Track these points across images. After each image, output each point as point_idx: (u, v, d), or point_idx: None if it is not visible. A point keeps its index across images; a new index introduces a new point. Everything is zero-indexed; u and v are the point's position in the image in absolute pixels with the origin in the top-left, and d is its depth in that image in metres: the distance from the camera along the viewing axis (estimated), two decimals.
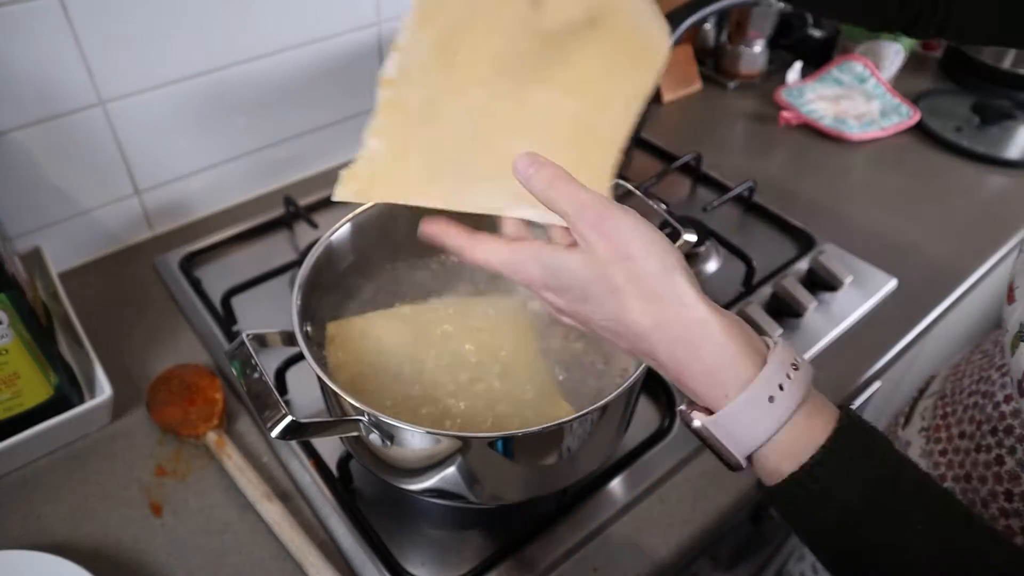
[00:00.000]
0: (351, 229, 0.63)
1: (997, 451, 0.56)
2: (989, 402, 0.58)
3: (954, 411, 0.62)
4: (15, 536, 0.62)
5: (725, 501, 0.66)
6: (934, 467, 0.62)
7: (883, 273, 0.87)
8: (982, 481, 0.57)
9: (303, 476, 0.66)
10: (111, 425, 0.71)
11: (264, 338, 0.56)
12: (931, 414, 0.66)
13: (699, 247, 0.88)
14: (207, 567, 0.60)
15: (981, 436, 0.58)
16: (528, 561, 0.60)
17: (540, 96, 0.52)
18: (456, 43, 0.50)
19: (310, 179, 1.02)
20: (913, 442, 0.66)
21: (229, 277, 0.82)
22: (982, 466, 0.57)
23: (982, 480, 0.57)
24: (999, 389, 0.57)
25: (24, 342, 0.62)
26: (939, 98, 1.23)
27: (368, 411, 0.49)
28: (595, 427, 0.54)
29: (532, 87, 0.52)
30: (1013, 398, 0.54)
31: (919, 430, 0.66)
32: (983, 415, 0.58)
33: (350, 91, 0.99)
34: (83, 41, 0.74)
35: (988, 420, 0.57)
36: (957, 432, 0.61)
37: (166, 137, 0.86)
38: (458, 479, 0.53)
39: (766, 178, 1.01)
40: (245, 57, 0.86)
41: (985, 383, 0.59)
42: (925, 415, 0.67)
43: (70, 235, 0.85)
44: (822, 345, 0.79)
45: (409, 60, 0.51)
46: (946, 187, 1.04)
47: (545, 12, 0.50)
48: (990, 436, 0.56)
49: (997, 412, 0.56)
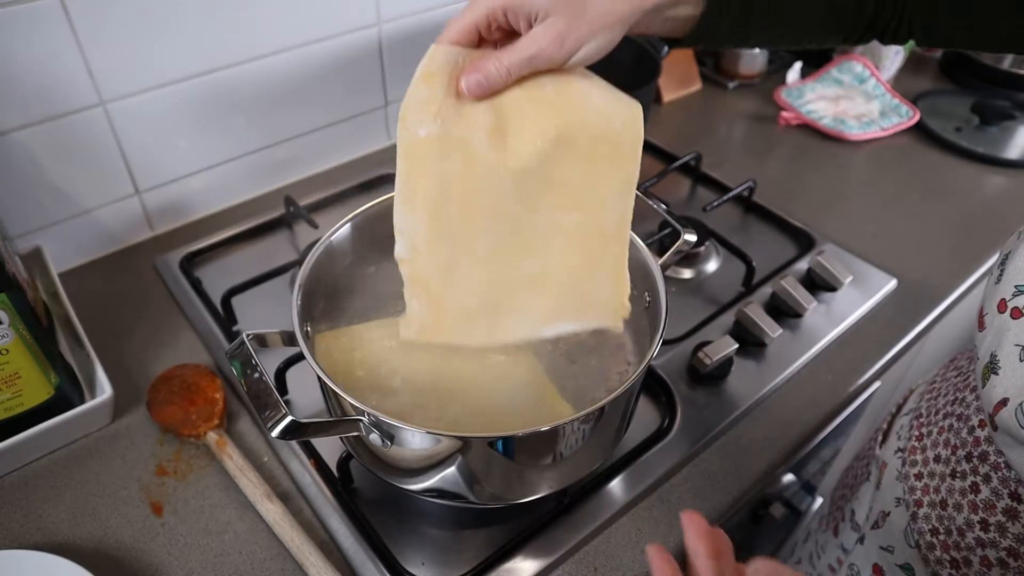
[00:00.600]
0: (351, 229, 0.63)
1: (972, 478, 0.55)
2: (964, 426, 0.57)
3: (929, 432, 0.61)
4: (16, 536, 0.62)
5: (725, 501, 0.66)
6: (910, 491, 0.61)
7: (883, 273, 0.87)
8: (958, 509, 0.56)
9: (303, 476, 0.66)
10: (111, 425, 0.71)
11: (264, 338, 0.56)
12: (907, 434, 0.65)
13: (699, 247, 0.88)
14: (207, 567, 0.60)
15: (956, 462, 0.56)
16: (528, 561, 0.60)
17: (540, 221, 0.54)
18: (446, 216, 0.52)
19: (310, 179, 1.02)
20: (889, 463, 0.66)
21: (229, 277, 0.82)
22: (958, 493, 0.56)
23: (958, 508, 0.56)
24: (974, 413, 0.56)
25: (25, 342, 0.62)
26: (939, 98, 1.23)
27: (368, 411, 0.49)
28: (595, 427, 0.54)
29: (529, 218, 0.54)
30: (987, 424, 0.54)
31: (895, 451, 0.65)
32: (958, 439, 0.57)
33: (350, 91, 0.99)
34: (84, 42, 0.74)
35: (963, 445, 0.56)
36: (932, 455, 0.59)
37: (166, 137, 0.86)
38: (458, 479, 0.53)
39: (766, 178, 1.01)
40: (246, 57, 0.86)
41: (960, 405, 0.58)
42: (901, 434, 0.66)
43: (71, 235, 0.85)
44: (822, 345, 0.79)
45: (413, 240, 0.53)
46: (946, 187, 1.04)
47: (513, 152, 0.51)
48: (965, 462, 0.55)
49: (972, 437, 0.55)
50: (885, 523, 0.63)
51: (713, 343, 0.74)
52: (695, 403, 0.72)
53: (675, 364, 0.75)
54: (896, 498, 0.62)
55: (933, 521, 0.58)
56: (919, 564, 0.59)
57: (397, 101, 1.05)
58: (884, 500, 0.64)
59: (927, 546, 0.58)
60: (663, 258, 0.62)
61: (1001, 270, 0.53)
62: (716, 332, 0.78)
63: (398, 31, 0.98)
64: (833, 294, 0.84)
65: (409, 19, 0.99)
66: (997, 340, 0.50)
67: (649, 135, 1.10)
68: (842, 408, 0.76)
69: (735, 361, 0.75)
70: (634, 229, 0.62)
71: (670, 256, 0.63)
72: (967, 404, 0.57)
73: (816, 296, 0.82)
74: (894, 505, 0.62)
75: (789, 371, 0.76)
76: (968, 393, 0.58)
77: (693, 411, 0.71)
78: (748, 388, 0.74)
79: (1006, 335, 0.49)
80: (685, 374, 0.75)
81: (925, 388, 0.68)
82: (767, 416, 0.73)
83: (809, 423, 0.73)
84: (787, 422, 0.73)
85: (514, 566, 0.60)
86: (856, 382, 0.77)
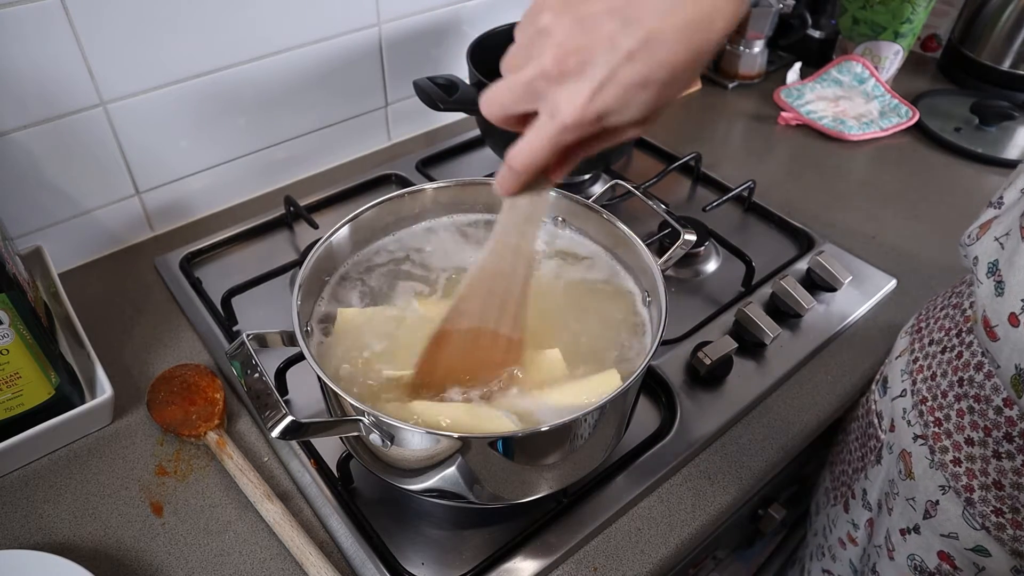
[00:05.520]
0: (351, 229, 0.64)
1: (1022, 457, 0.55)
2: (988, 407, 0.57)
3: (947, 416, 0.61)
4: (16, 536, 0.62)
5: (725, 501, 0.66)
6: (953, 478, 0.60)
7: (882, 273, 0.87)
8: (1017, 488, 0.56)
9: (303, 476, 0.66)
10: (112, 425, 0.71)
11: (264, 338, 0.56)
12: (919, 419, 0.64)
13: (699, 247, 0.88)
14: (207, 567, 0.60)
15: (996, 443, 0.57)
16: (528, 561, 0.60)
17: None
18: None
19: (310, 179, 1.02)
20: (914, 452, 0.65)
21: (229, 277, 0.82)
22: (1011, 473, 0.56)
23: (1017, 487, 0.56)
24: (992, 393, 0.57)
25: (25, 342, 0.62)
26: (938, 98, 1.23)
27: (368, 411, 0.49)
28: (595, 427, 0.54)
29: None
30: (1014, 403, 0.54)
31: (913, 437, 0.65)
32: (987, 421, 0.57)
33: (350, 92, 0.99)
34: (84, 42, 0.74)
35: (996, 426, 0.56)
36: (962, 439, 0.60)
37: (167, 137, 0.86)
38: (458, 479, 0.53)
39: (766, 178, 1.01)
40: (246, 58, 0.87)
41: (971, 386, 0.59)
42: (909, 416, 0.66)
43: (71, 235, 0.86)
44: (822, 345, 0.79)
45: None
46: (945, 187, 1.04)
47: None
48: (1006, 442, 0.56)
49: (1003, 418, 0.56)
50: (937, 511, 0.63)
51: (713, 343, 0.74)
52: (695, 403, 0.72)
53: (675, 364, 0.75)
54: (939, 486, 0.62)
55: (993, 503, 0.58)
56: (993, 544, 0.60)
57: (397, 101, 1.05)
58: (926, 490, 0.64)
59: (996, 527, 0.58)
60: (663, 258, 0.62)
61: (999, 281, 0.53)
62: (716, 332, 0.78)
63: (398, 31, 0.98)
64: (833, 294, 0.84)
65: (409, 19, 0.99)
66: (1021, 354, 0.51)
67: (649, 135, 1.10)
68: (842, 408, 0.77)
69: (735, 361, 0.75)
70: (634, 229, 0.63)
71: (670, 256, 0.63)
72: (979, 385, 0.58)
73: (816, 296, 0.82)
74: (940, 493, 0.62)
75: (789, 371, 0.76)
76: (975, 372, 0.58)
77: (693, 411, 0.71)
78: (748, 388, 0.74)
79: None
80: (685, 374, 0.75)
81: (912, 339, 0.69)
82: (767, 416, 0.73)
83: (809, 423, 0.73)
84: (787, 422, 0.73)
85: (514, 566, 0.60)
86: (856, 382, 0.77)
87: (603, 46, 0.36)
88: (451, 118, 1.14)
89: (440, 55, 1.05)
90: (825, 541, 0.83)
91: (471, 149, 1.08)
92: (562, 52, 0.37)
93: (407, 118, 1.08)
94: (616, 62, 0.36)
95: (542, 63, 0.38)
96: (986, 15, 1.22)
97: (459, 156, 1.07)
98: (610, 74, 0.37)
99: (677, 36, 0.36)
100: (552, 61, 0.38)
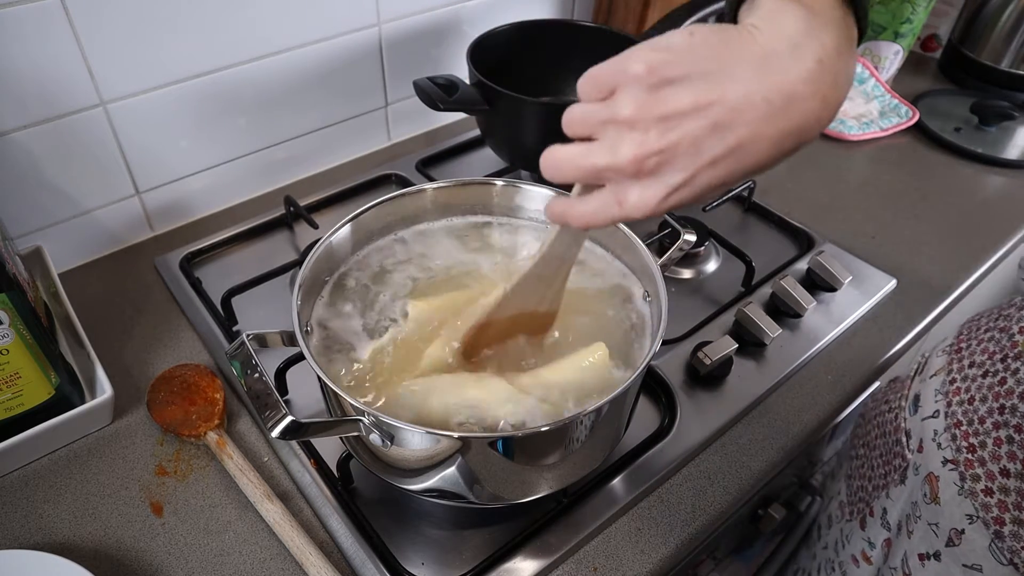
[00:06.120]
0: (351, 229, 0.64)
1: None
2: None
3: (983, 443, 0.58)
4: (16, 536, 0.62)
5: (725, 501, 0.66)
6: (984, 508, 0.57)
7: (882, 273, 0.87)
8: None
9: (303, 476, 0.66)
10: (112, 425, 0.71)
11: (264, 338, 0.56)
12: (951, 444, 0.62)
13: (699, 247, 0.88)
14: (207, 567, 0.60)
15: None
16: (528, 561, 0.60)
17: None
18: None
19: (310, 179, 1.02)
20: (942, 476, 0.62)
21: (229, 277, 0.82)
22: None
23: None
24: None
25: (25, 342, 0.62)
26: (938, 98, 1.23)
27: (368, 411, 0.49)
28: (595, 427, 0.54)
29: None
30: None
31: (942, 461, 0.62)
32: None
33: (350, 92, 0.99)
34: (84, 42, 0.74)
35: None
36: (997, 469, 0.57)
37: (166, 137, 0.86)
38: (458, 479, 0.53)
39: (766, 178, 1.01)
40: (246, 58, 0.87)
41: (1012, 414, 0.56)
42: (941, 438, 0.63)
43: (71, 235, 0.86)
44: (822, 345, 0.79)
45: None
46: (945, 187, 1.04)
47: None
48: None
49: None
50: (962, 540, 0.60)
51: (713, 343, 0.74)
52: (695, 403, 0.72)
53: (675, 364, 0.75)
54: (967, 515, 0.60)
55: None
56: None
57: (397, 101, 1.05)
58: (951, 516, 0.61)
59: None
60: (663, 258, 0.62)
61: None
62: (716, 332, 0.78)
63: (398, 31, 0.98)
64: (833, 294, 0.84)
65: (409, 19, 0.99)
66: None
67: None
68: (842, 408, 0.77)
69: (735, 361, 0.75)
70: (634, 229, 0.63)
71: (670, 256, 0.63)
72: (1022, 415, 0.56)
73: (816, 296, 0.82)
74: (967, 522, 0.60)
75: (789, 371, 0.76)
76: (1019, 401, 0.56)
77: (693, 411, 0.71)
78: (748, 388, 0.74)
79: None
80: (685, 374, 0.75)
81: (950, 359, 0.66)
82: (767, 416, 0.73)
83: (809, 423, 0.73)
84: (787, 422, 0.73)
85: (514, 566, 0.60)
86: (856, 382, 0.77)
87: (686, 151, 0.34)
88: (451, 118, 1.14)
89: (440, 55, 1.05)
90: (836, 556, 0.80)
91: (471, 149, 1.08)
92: (642, 153, 0.35)
93: (407, 118, 1.08)
94: (697, 167, 0.35)
95: (617, 159, 0.36)
96: (986, 15, 1.22)
97: (459, 156, 1.07)
98: (688, 178, 0.35)
99: (769, 146, 0.34)
100: (629, 161, 0.35)
